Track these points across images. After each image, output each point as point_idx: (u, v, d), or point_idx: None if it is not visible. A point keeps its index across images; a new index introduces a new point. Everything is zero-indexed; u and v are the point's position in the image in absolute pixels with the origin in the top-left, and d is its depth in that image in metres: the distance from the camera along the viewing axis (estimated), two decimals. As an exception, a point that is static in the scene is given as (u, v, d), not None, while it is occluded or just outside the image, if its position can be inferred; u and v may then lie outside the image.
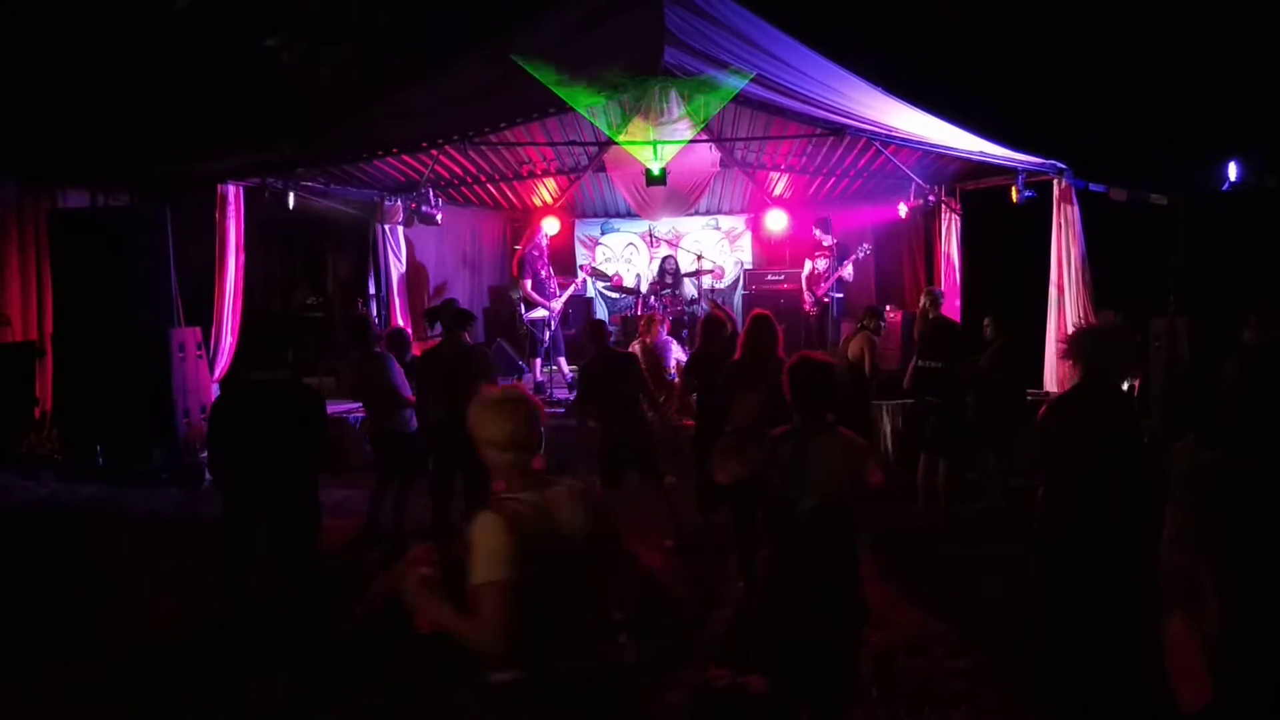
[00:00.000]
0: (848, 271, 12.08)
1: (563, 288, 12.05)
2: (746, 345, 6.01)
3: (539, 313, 11.69)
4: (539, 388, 11.31)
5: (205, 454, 8.40)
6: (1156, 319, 9.42)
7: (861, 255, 12.03)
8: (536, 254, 11.91)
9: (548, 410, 10.20)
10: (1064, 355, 3.98)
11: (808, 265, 12.41)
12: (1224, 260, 9.92)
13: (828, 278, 12.07)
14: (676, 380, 8.80)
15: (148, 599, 6.07)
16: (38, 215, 10.12)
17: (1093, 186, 10.27)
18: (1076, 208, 10.31)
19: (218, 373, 10.17)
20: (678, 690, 4.64)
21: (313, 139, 10.65)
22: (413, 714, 4.51)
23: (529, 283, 11.78)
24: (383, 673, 4.97)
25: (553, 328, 11.78)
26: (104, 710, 4.59)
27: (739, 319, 10.61)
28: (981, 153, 10.31)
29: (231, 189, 10.35)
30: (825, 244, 12.24)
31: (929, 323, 8.60)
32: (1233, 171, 10.33)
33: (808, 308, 12.21)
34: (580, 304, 13.52)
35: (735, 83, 9.66)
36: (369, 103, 11.08)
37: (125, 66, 11.50)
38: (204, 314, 10.29)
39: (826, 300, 12.14)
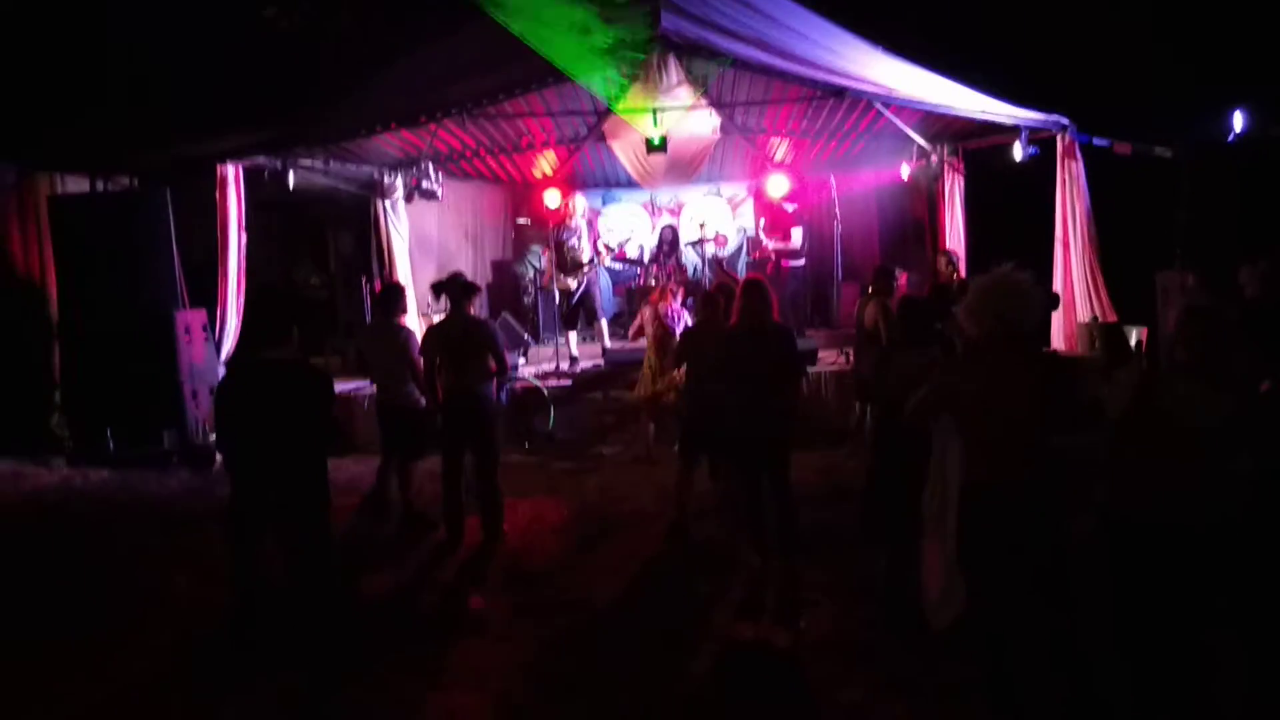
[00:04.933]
0: (795, 240, 12.02)
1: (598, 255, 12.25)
2: (742, 311, 6.00)
3: (570, 282, 11.70)
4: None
5: (214, 436, 8.43)
6: (1163, 272, 9.38)
7: (838, 228, 11.98)
8: (571, 228, 11.99)
9: (558, 383, 10.31)
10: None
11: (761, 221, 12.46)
12: (1230, 212, 9.86)
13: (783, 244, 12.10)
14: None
15: (162, 581, 6.10)
16: (37, 201, 10.07)
17: (1096, 141, 10.20)
18: (1080, 163, 10.25)
19: (224, 354, 10.17)
20: (703, 647, 4.66)
21: (311, 116, 10.59)
22: (429, 685, 4.52)
23: (553, 255, 11.80)
24: (398, 647, 5.00)
25: (597, 297, 11.91)
26: (123, 692, 4.62)
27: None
28: (984, 111, 10.23)
29: (231, 169, 10.30)
30: (789, 210, 12.24)
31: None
32: (1238, 121, 10.24)
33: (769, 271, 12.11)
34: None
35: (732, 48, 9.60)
36: (367, 77, 11.01)
37: (121, 49, 11.44)
38: (208, 296, 10.28)
39: (785, 267, 12.09)
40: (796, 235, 12.11)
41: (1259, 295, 5.92)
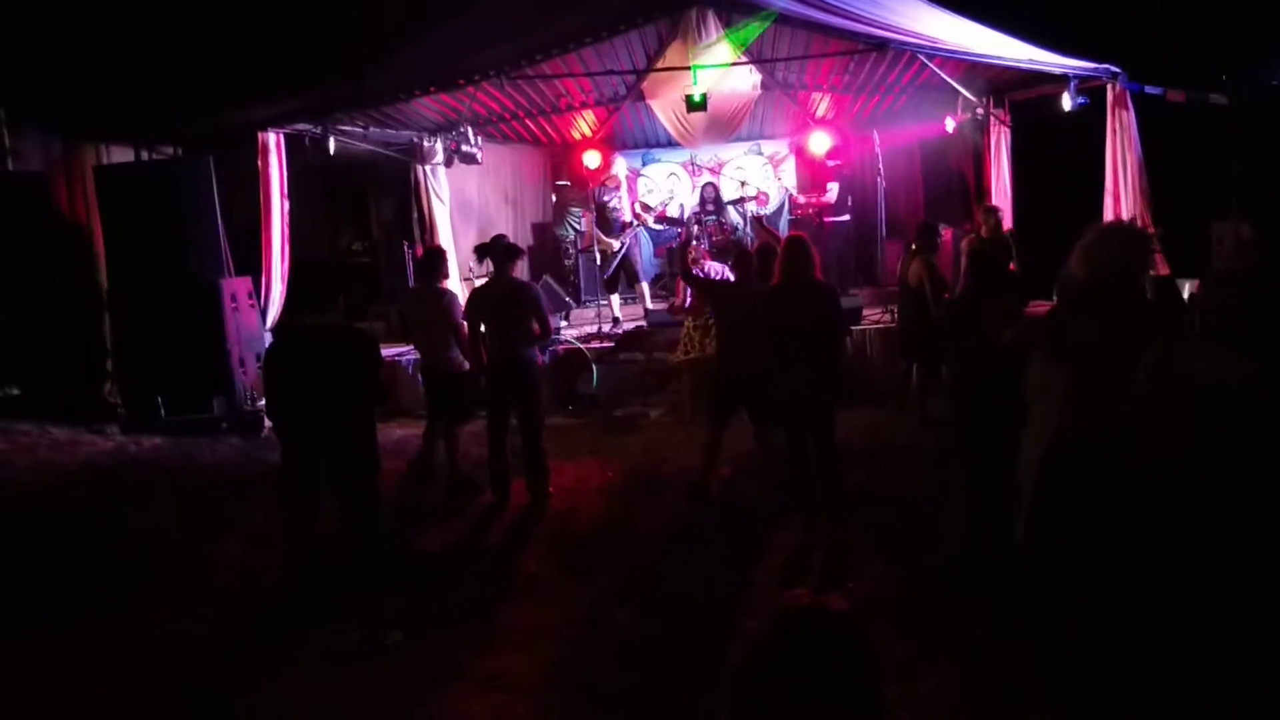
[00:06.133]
0: (831, 195, 11.92)
1: (637, 218, 12.31)
2: (784, 270, 5.93)
3: (614, 244, 11.69)
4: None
5: (263, 402, 8.53)
6: (1218, 223, 9.14)
7: (882, 184, 11.82)
8: (613, 188, 12.03)
9: (600, 345, 10.32)
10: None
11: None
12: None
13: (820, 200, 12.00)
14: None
15: (215, 544, 6.22)
16: (84, 171, 10.19)
17: (1148, 89, 9.91)
18: (1131, 112, 9.96)
19: (269, 321, 10.26)
20: (755, 615, 4.66)
21: (349, 81, 10.58)
22: (476, 647, 4.57)
23: (593, 217, 11.79)
24: (446, 609, 5.05)
25: (638, 259, 11.95)
26: (181, 651, 4.72)
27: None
28: (1031, 60, 9.97)
29: (272, 136, 10.33)
30: (830, 166, 12.15)
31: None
32: (1296, 66, 9.92)
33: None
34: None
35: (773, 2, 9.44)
36: (404, 41, 10.96)
37: (160, 17, 11.47)
38: (253, 263, 10.36)
39: (828, 224, 12.01)
40: (833, 190, 11.99)
41: None
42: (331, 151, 10.41)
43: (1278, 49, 9.84)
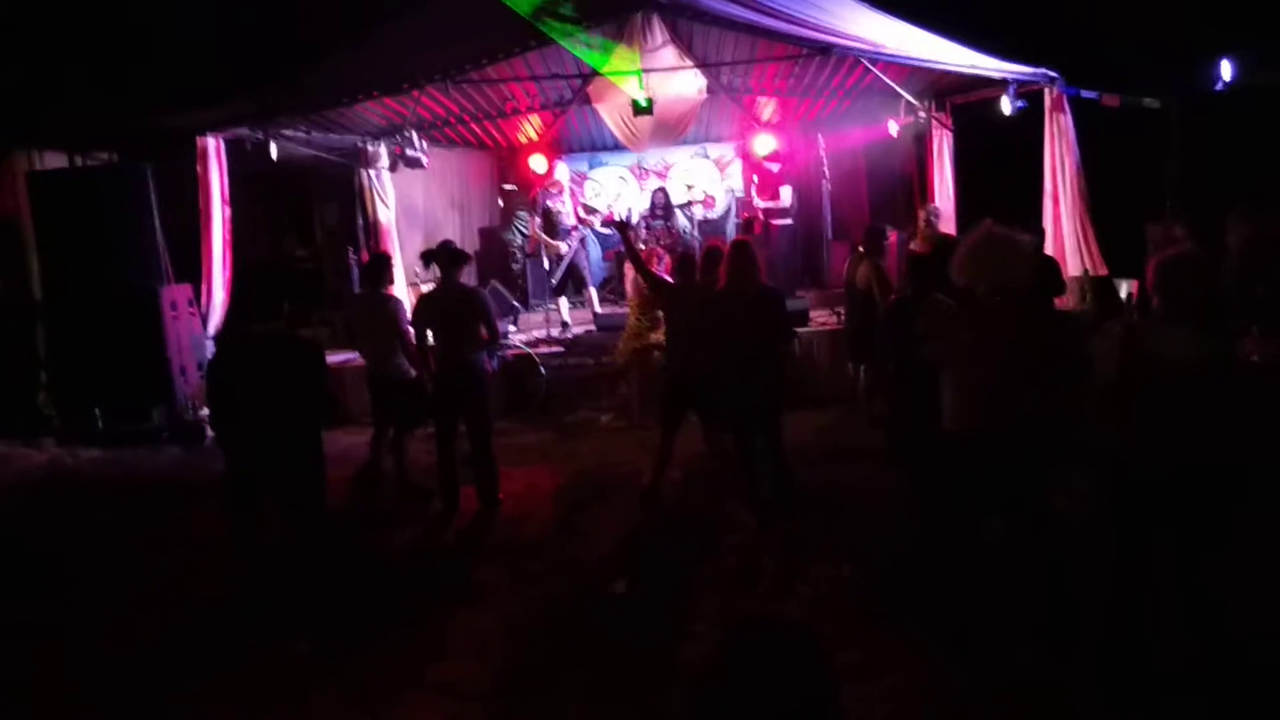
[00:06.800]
0: (785, 199, 12.01)
1: (582, 223, 12.25)
2: (729, 274, 5.96)
3: (561, 246, 11.66)
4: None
5: (205, 410, 8.38)
6: (1152, 224, 9.36)
7: (827, 187, 11.94)
8: (556, 192, 12.02)
9: (549, 350, 10.28)
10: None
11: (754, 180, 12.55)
12: (1219, 162, 9.83)
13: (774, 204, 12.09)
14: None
15: (155, 559, 6.09)
16: (15, 178, 9.93)
17: (1084, 93, 10.13)
18: (1069, 116, 10.19)
19: (212, 328, 10.09)
20: (707, 620, 4.66)
21: (291, 85, 10.44)
22: (428, 655, 4.52)
23: (539, 222, 11.74)
24: (397, 617, 5.00)
25: (585, 265, 11.92)
26: (122, 671, 4.61)
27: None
28: (972, 65, 10.14)
29: (212, 141, 10.18)
30: (774, 170, 12.25)
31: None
32: (1226, 71, 10.19)
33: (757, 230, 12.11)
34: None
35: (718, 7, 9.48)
36: (348, 45, 10.84)
37: (97, 22, 11.25)
38: (193, 271, 10.19)
39: (774, 227, 12.10)
40: (786, 194, 12.07)
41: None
42: (274, 157, 10.25)
43: (1208, 57, 10.11)
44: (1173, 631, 3.73)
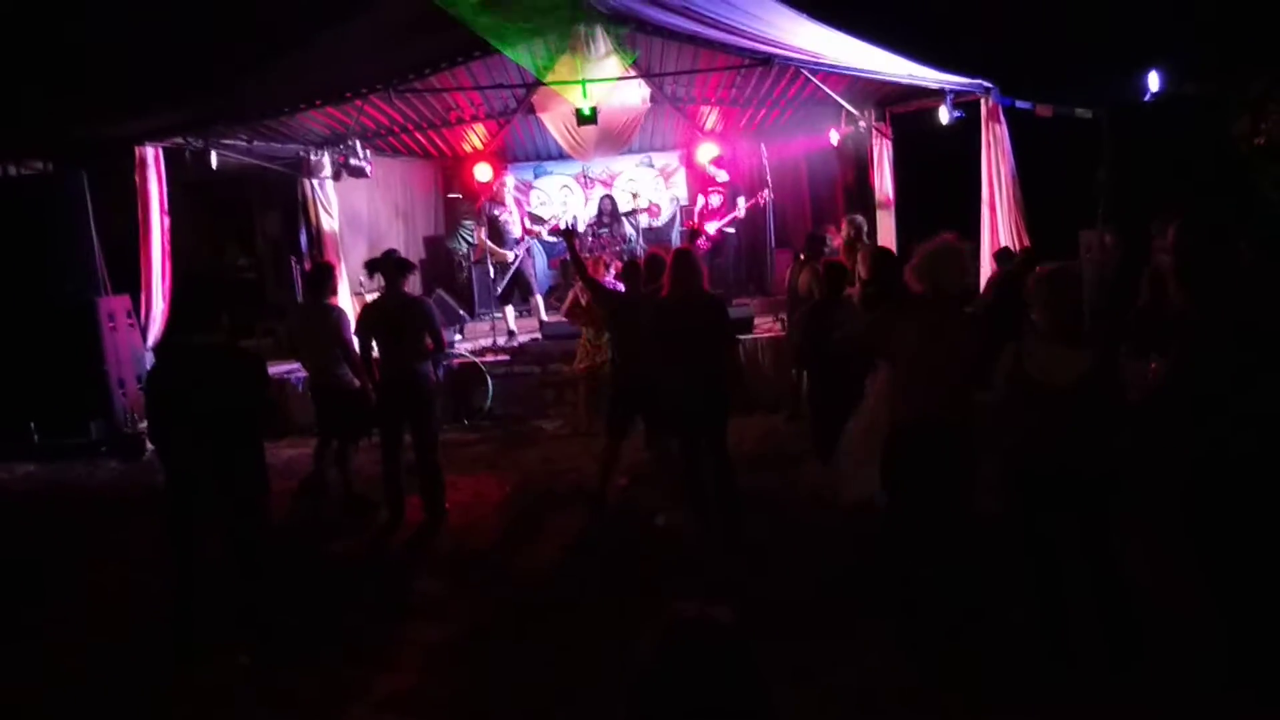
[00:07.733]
0: (740, 209, 12.17)
1: (529, 233, 12.22)
2: (672, 282, 6.02)
3: (508, 255, 11.65)
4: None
5: (145, 424, 8.26)
6: (1086, 231, 9.58)
7: (764, 200, 12.04)
8: (499, 202, 12.00)
9: (495, 359, 10.27)
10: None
11: (700, 200, 12.61)
12: (1148, 170, 10.08)
13: (721, 214, 12.18)
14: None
15: (95, 574, 5.99)
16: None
17: (1019, 103, 10.34)
18: (1004, 125, 10.39)
19: (151, 340, 9.93)
20: (648, 617, 4.67)
21: (231, 93, 10.32)
22: (374, 668, 4.51)
23: (484, 231, 11.73)
24: (343, 629, 4.97)
25: (531, 273, 11.94)
26: (53, 692, 4.53)
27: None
28: (910, 75, 10.32)
29: (150, 150, 10.02)
30: (720, 180, 12.44)
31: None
32: (1154, 81, 10.46)
33: (701, 244, 12.18)
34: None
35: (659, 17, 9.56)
36: (289, 51, 10.74)
37: (32, 25, 11.03)
38: (132, 282, 10.02)
39: (719, 237, 12.22)
40: (740, 205, 12.18)
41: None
42: (214, 166, 10.12)
43: (1138, 67, 10.37)
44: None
